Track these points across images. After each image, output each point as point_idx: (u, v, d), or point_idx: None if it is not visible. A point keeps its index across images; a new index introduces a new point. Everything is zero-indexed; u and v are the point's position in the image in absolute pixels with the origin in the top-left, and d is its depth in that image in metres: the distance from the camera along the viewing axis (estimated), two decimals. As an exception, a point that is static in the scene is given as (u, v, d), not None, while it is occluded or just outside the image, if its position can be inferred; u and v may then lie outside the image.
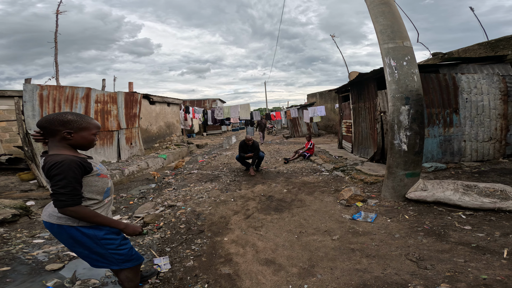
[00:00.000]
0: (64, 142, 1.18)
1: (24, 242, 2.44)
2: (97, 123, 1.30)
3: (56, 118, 1.16)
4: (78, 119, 1.20)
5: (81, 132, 1.21)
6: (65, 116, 1.17)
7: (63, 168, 1.09)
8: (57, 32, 10.26)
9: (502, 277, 1.49)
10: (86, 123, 1.22)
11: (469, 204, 2.41)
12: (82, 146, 1.25)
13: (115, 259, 1.30)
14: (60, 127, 1.16)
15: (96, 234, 1.23)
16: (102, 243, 1.25)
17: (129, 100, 6.98)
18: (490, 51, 4.92)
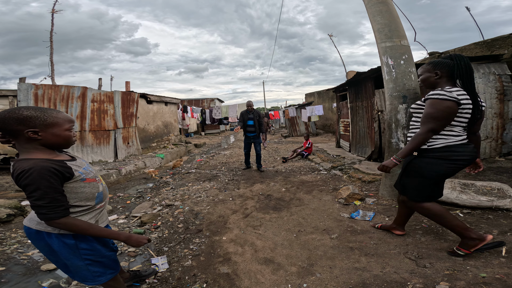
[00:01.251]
0: (34, 143, 1.01)
1: (19, 242, 2.41)
2: (68, 116, 1.09)
3: (9, 116, 0.95)
4: (40, 114, 0.99)
5: (50, 129, 1.01)
6: (21, 113, 0.96)
7: (33, 177, 0.93)
8: (52, 31, 10.15)
9: (501, 275, 1.50)
10: (53, 118, 1.02)
11: (466, 203, 2.42)
12: (57, 145, 1.07)
13: (91, 272, 1.15)
14: (20, 126, 0.96)
15: (77, 244, 1.10)
16: (81, 253, 1.11)
17: (126, 99, 6.92)
18: (486, 51, 4.96)
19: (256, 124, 4.88)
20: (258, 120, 4.91)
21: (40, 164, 0.96)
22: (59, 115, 1.06)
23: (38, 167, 0.95)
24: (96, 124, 5.99)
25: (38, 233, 1.08)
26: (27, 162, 0.97)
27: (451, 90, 1.57)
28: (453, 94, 1.54)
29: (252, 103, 5.01)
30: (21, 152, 1.01)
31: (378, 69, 4.27)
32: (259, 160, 5.09)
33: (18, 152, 1.02)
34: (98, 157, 6.02)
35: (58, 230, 1.07)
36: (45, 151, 1.04)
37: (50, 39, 10.09)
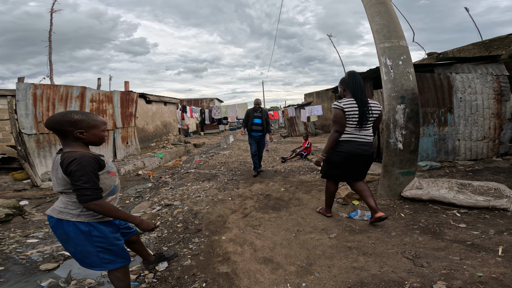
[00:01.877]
0: (79, 141, 1.23)
1: (18, 242, 2.40)
2: (104, 120, 1.34)
3: (63, 119, 1.18)
4: (86, 118, 1.24)
5: (92, 130, 1.25)
6: (72, 116, 1.20)
7: (83, 164, 1.14)
8: (51, 31, 10.11)
9: (497, 274, 1.51)
10: (94, 121, 1.27)
11: (463, 202, 2.44)
12: (94, 143, 1.29)
13: (100, 259, 1.27)
14: (71, 128, 1.19)
15: (90, 231, 1.24)
16: (94, 240, 1.25)
17: (125, 99, 6.91)
18: (484, 51, 4.99)
19: (264, 123, 4.57)
20: (266, 120, 4.61)
21: (86, 154, 1.18)
22: (98, 118, 1.30)
23: (85, 157, 1.16)
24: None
25: (58, 221, 1.23)
26: (75, 153, 1.18)
27: (341, 101, 2.12)
28: (341, 104, 2.09)
29: (260, 101, 4.72)
30: (66, 147, 1.23)
31: (376, 69, 4.29)
32: (259, 161, 4.89)
33: (63, 147, 1.24)
34: (97, 157, 6.01)
35: (76, 218, 1.23)
36: (84, 147, 1.27)
37: (49, 39, 10.05)
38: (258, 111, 4.62)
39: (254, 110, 4.64)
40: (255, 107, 4.64)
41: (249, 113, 4.66)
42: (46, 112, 4.89)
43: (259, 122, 4.57)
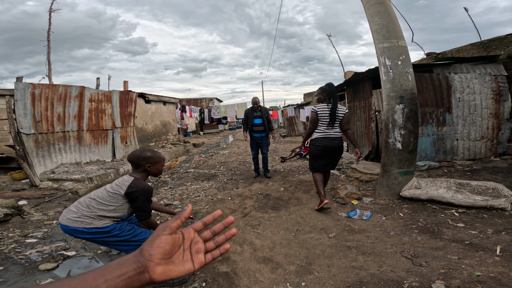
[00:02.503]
0: (146, 172, 1.62)
1: (17, 241, 2.40)
2: (164, 157, 1.71)
3: (140, 155, 1.59)
4: (154, 155, 1.61)
5: (156, 165, 1.63)
6: (146, 154, 1.60)
7: (148, 194, 1.55)
8: (50, 30, 10.06)
9: (495, 274, 1.52)
10: (158, 158, 1.63)
11: (462, 202, 2.45)
12: (154, 175, 1.68)
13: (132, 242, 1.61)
14: (143, 162, 1.58)
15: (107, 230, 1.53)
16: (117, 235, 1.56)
17: (124, 99, 6.89)
18: (483, 51, 5.01)
19: (265, 122, 4.27)
20: (267, 118, 4.30)
21: (150, 187, 1.60)
22: (161, 155, 1.66)
23: (150, 189, 1.57)
24: (94, 123, 5.95)
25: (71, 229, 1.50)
26: (143, 183, 1.57)
27: (317, 105, 2.73)
28: (316, 109, 2.69)
29: (258, 99, 4.37)
30: (135, 173, 1.61)
31: (375, 69, 4.30)
32: (266, 164, 4.52)
33: (133, 173, 1.62)
34: (95, 156, 5.99)
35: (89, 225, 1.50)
36: (145, 177, 1.64)
37: (48, 38, 10.01)
38: (258, 110, 4.31)
39: (253, 109, 4.33)
40: (254, 107, 4.33)
41: (247, 114, 4.35)
42: (45, 112, 4.86)
43: (260, 122, 4.29)
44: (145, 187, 1.53)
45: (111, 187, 1.54)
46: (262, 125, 4.29)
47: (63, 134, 5.25)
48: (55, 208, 3.47)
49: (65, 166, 5.16)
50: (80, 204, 1.54)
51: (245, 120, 4.44)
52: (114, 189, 1.52)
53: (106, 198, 1.51)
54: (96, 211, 1.49)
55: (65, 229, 1.51)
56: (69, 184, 4.28)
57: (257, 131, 4.32)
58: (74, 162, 5.43)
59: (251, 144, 4.48)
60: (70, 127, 5.38)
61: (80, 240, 2.44)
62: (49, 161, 4.93)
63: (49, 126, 4.94)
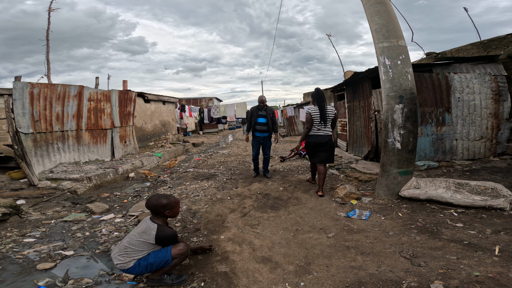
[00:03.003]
0: (164, 217, 1.75)
1: (15, 241, 2.39)
2: (179, 200, 1.83)
3: (158, 203, 1.71)
4: (170, 202, 1.74)
5: (174, 210, 1.77)
6: (162, 202, 1.71)
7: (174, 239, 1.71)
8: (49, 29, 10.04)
9: (494, 274, 1.52)
10: (174, 203, 1.76)
11: (460, 202, 2.45)
12: (171, 217, 1.82)
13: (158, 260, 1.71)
14: (162, 209, 1.71)
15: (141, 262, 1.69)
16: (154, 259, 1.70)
17: (123, 98, 6.87)
18: (483, 51, 5.01)
19: (270, 122, 4.15)
20: (272, 118, 4.18)
21: (175, 232, 1.74)
22: (176, 200, 1.80)
23: (175, 234, 1.73)
24: (93, 123, 5.94)
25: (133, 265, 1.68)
26: (168, 230, 1.71)
27: (310, 107, 3.27)
28: (309, 111, 3.23)
29: (265, 99, 4.18)
30: (156, 219, 1.73)
31: (375, 69, 4.29)
32: (267, 165, 4.42)
33: (154, 218, 1.74)
34: (94, 156, 5.98)
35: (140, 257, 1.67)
36: (166, 221, 1.79)
37: (47, 38, 9.98)
38: (263, 109, 4.17)
39: (259, 108, 4.19)
40: (260, 105, 4.17)
41: (252, 112, 4.20)
42: (43, 111, 4.85)
43: (264, 122, 4.14)
44: (171, 233, 1.70)
45: (140, 235, 1.67)
46: (266, 125, 4.16)
47: (62, 134, 5.23)
48: (53, 207, 3.46)
49: (64, 165, 5.14)
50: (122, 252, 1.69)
51: (249, 119, 4.23)
52: (143, 238, 1.66)
53: (138, 245, 1.66)
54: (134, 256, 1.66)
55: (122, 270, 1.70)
56: (67, 183, 4.27)
57: (260, 131, 4.20)
58: (73, 161, 5.42)
59: (253, 143, 4.35)
60: (68, 126, 5.36)
61: (78, 240, 2.44)
62: (48, 160, 4.91)
63: (47, 126, 4.93)
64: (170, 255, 1.67)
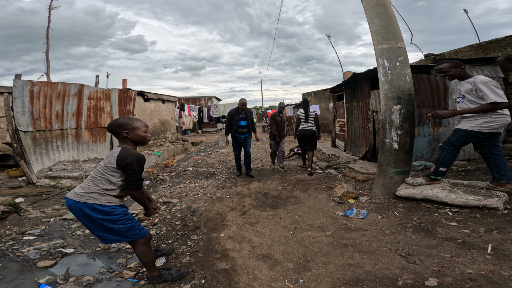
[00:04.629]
0: (127, 140, 1.58)
1: (14, 239, 2.40)
2: (144, 123, 1.65)
3: (114, 123, 1.58)
4: (129, 122, 1.58)
5: (135, 131, 1.58)
6: (119, 121, 1.57)
7: (138, 161, 1.52)
8: (49, 27, 9.98)
9: (486, 271, 1.56)
10: (135, 124, 1.59)
11: (455, 202, 2.50)
12: (138, 142, 1.63)
13: (123, 231, 1.56)
14: (119, 129, 1.56)
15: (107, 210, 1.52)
16: (113, 219, 1.53)
17: (123, 96, 6.86)
18: (481, 53, 5.06)
19: (249, 123, 4.44)
20: (251, 120, 4.47)
21: (139, 153, 1.55)
22: (139, 122, 1.62)
23: (140, 155, 1.54)
24: (93, 121, 5.93)
25: (77, 204, 1.49)
26: (131, 151, 1.53)
27: (299, 110, 4.78)
28: (297, 112, 4.76)
29: (246, 101, 4.34)
30: (121, 144, 1.59)
31: (374, 70, 4.33)
32: (249, 164, 4.59)
33: (119, 144, 1.60)
34: (94, 154, 5.97)
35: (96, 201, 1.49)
36: (133, 146, 1.61)
37: (47, 36, 9.92)
38: (243, 112, 4.34)
39: (239, 111, 4.32)
40: (240, 108, 4.31)
41: (233, 115, 4.31)
42: (43, 110, 4.84)
43: (245, 124, 4.38)
44: (134, 154, 1.50)
45: (105, 160, 1.54)
46: (247, 127, 4.44)
47: (61, 132, 5.22)
48: (52, 205, 3.46)
49: (63, 163, 5.14)
50: (87, 180, 1.57)
51: (229, 122, 4.33)
52: (107, 162, 1.52)
53: (103, 172, 1.52)
54: (100, 184, 1.51)
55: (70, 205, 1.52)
56: (66, 181, 4.27)
57: (241, 132, 4.44)
58: (72, 159, 5.41)
59: (233, 144, 4.57)
60: (68, 124, 5.35)
61: (78, 237, 2.45)
62: (47, 158, 4.91)
63: (47, 124, 4.92)
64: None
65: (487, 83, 2.27)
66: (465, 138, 2.47)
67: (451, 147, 2.53)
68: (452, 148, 2.53)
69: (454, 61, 2.52)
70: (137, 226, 1.62)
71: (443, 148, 2.57)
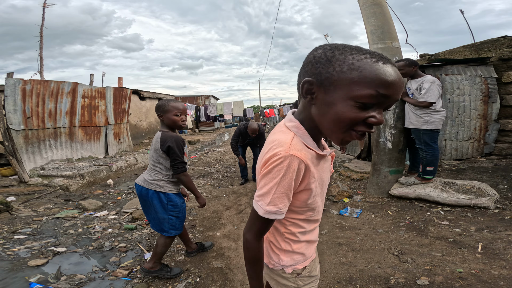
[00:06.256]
0: (162, 123, 1.61)
1: (5, 238, 2.36)
2: (177, 105, 1.58)
3: (156, 105, 1.61)
4: (163, 104, 1.58)
5: (166, 114, 1.57)
6: (159, 103, 1.59)
7: (178, 143, 1.54)
8: (43, 25, 9.82)
9: (476, 270, 1.59)
10: (168, 106, 1.57)
11: (447, 201, 2.53)
12: (170, 126, 1.61)
13: (169, 224, 1.63)
14: (158, 112, 1.59)
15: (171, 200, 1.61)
16: (168, 209, 1.61)
17: (118, 95, 6.79)
18: (475, 53, 5.11)
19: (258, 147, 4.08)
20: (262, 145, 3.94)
21: (177, 136, 1.57)
22: (171, 104, 1.58)
23: (178, 137, 1.56)
24: (87, 120, 5.86)
25: (146, 191, 1.59)
26: (169, 133, 1.57)
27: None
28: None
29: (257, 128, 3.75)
30: (161, 127, 1.63)
31: (370, 70, 4.35)
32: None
33: (160, 127, 1.64)
34: (88, 153, 5.90)
35: (162, 189, 1.59)
36: (170, 129, 1.61)
37: (40, 34, 9.76)
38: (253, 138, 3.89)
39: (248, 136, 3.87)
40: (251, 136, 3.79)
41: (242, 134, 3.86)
42: (36, 108, 4.76)
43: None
44: (172, 136, 1.54)
45: (153, 146, 1.59)
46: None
47: (54, 130, 5.15)
48: (44, 204, 3.42)
49: (56, 162, 5.07)
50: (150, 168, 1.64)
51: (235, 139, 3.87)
52: (154, 147, 1.58)
53: (157, 157, 1.58)
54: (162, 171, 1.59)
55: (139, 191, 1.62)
56: (59, 180, 4.22)
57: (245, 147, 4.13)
58: (65, 158, 5.35)
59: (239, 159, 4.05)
60: (61, 123, 5.28)
61: (71, 236, 2.42)
62: (39, 157, 4.84)
63: (39, 122, 4.84)
64: None
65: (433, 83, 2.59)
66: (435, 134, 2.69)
67: (426, 146, 2.65)
68: (428, 146, 2.64)
69: (409, 60, 2.67)
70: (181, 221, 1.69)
71: (422, 149, 2.69)
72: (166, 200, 1.60)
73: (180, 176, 1.58)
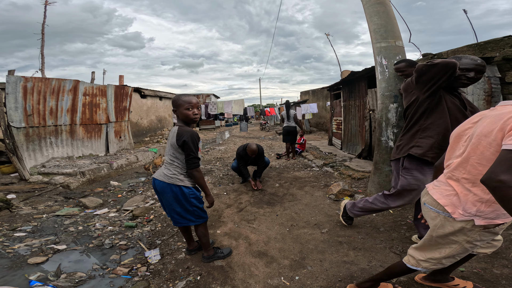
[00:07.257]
0: (178, 117, 1.63)
1: (5, 235, 2.36)
2: (189, 99, 1.59)
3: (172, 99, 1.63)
4: (176, 99, 1.60)
5: (179, 109, 1.58)
6: (173, 98, 1.62)
7: (193, 138, 1.55)
8: (44, 23, 9.82)
9: (478, 269, 1.58)
10: (180, 101, 1.58)
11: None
12: (184, 120, 1.62)
13: (195, 215, 1.70)
14: (172, 107, 1.63)
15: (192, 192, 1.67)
16: (191, 201, 1.66)
17: (119, 93, 6.78)
18: (478, 53, 5.08)
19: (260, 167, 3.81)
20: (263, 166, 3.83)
21: (193, 131, 1.59)
22: (183, 98, 1.59)
23: (194, 132, 1.58)
24: (88, 117, 5.85)
25: (168, 185, 1.62)
26: (186, 128, 1.57)
27: (282, 112, 6.02)
28: (282, 113, 5.92)
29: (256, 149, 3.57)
30: (177, 122, 1.65)
31: (371, 68, 4.33)
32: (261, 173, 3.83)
33: (176, 122, 1.67)
34: (88, 150, 5.90)
35: (182, 183, 1.63)
36: (185, 124, 1.63)
37: (42, 32, 9.76)
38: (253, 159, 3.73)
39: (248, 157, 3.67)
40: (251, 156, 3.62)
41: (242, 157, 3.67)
42: (37, 106, 4.75)
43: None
44: (188, 131, 1.55)
45: (169, 141, 1.61)
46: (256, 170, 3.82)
47: (55, 128, 5.14)
48: (45, 202, 3.41)
49: (56, 160, 5.06)
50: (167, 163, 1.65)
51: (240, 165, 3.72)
52: (171, 142, 1.59)
53: (173, 151, 1.61)
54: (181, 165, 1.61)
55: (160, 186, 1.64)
56: (60, 178, 4.21)
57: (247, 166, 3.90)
58: (66, 156, 5.34)
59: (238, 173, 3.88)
60: (62, 121, 5.27)
61: (71, 234, 2.42)
62: (40, 155, 4.83)
63: (40, 120, 4.83)
64: None
65: None
66: None
67: None
68: None
69: (410, 60, 2.58)
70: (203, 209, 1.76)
71: None
72: (189, 192, 1.65)
73: (193, 171, 1.60)
